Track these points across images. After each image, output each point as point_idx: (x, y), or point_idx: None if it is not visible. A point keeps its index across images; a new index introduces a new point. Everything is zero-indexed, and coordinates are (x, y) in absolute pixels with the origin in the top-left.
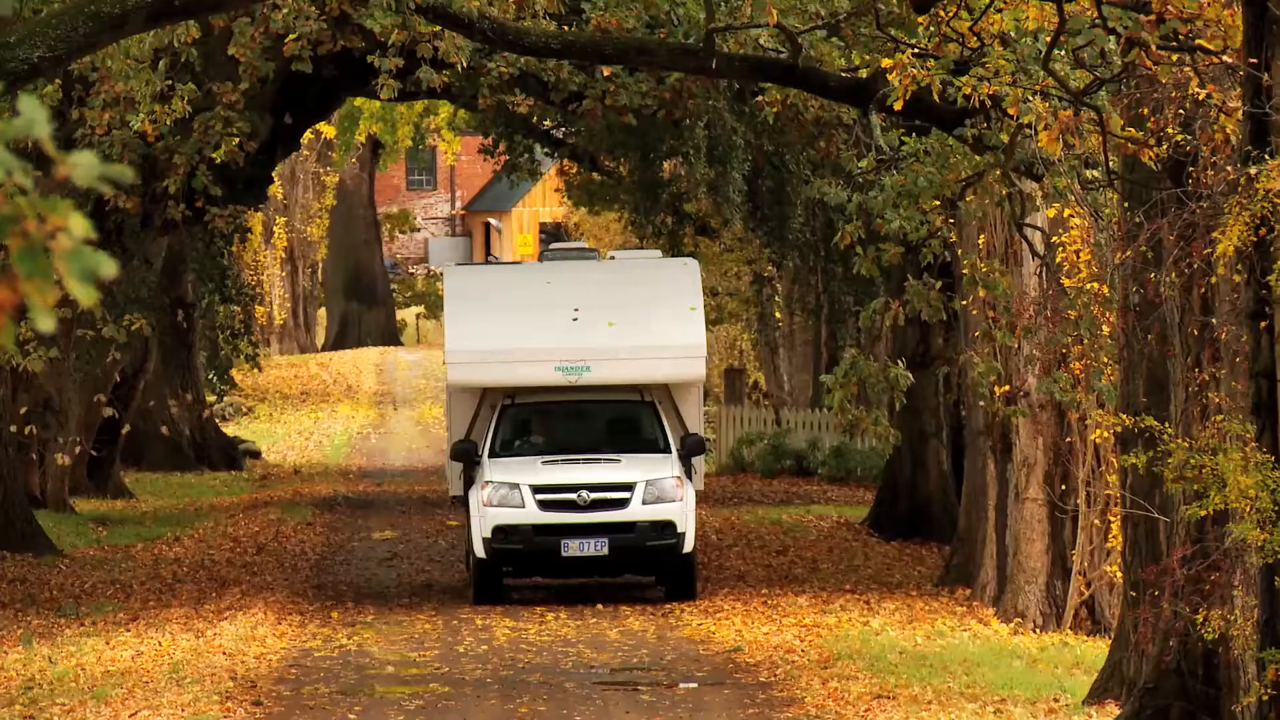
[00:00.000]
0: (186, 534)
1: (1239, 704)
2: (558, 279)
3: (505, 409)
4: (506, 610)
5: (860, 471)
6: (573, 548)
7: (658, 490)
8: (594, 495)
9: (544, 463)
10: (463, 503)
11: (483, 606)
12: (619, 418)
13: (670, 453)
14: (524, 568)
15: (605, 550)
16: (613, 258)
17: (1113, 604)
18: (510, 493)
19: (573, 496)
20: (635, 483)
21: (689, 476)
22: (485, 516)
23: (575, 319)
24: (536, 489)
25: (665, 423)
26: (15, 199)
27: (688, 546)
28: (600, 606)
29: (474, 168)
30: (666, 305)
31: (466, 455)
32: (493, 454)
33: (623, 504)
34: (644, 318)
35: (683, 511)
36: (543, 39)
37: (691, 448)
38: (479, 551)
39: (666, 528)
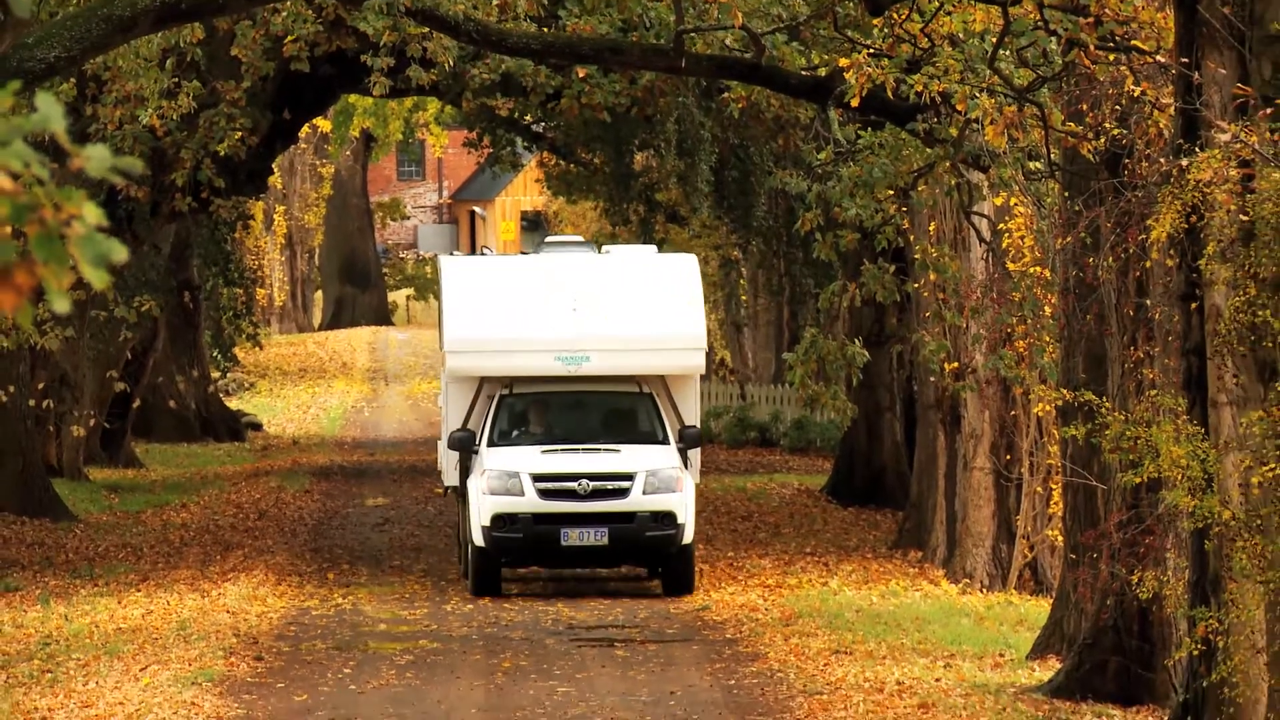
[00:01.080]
0: (193, 501)
1: (1171, 659)
2: (555, 271)
3: (503, 399)
4: None
5: (819, 442)
6: (572, 537)
7: (658, 480)
8: (594, 484)
9: (544, 451)
10: (458, 493)
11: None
12: (617, 408)
13: (669, 444)
14: (522, 557)
15: (605, 540)
16: (607, 251)
17: (1054, 566)
18: (510, 480)
19: (573, 485)
20: (636, 473)
21: (686, 468)
22: (484, 504)
23: (574, 309)
24: (537, 477)
25: (664, 414)
26: (33, 189)
27: (687, 538)
28: (579, 570)
29: (460, 160)
30: (666, 298)
31: (464, 445)
32: (491, 443)
33: (623, 493)
34: (643, 309)
35: (683, 502)
36: (523, 40)
37: (689, 439)
38: (477, 540)
39: (666, 518)
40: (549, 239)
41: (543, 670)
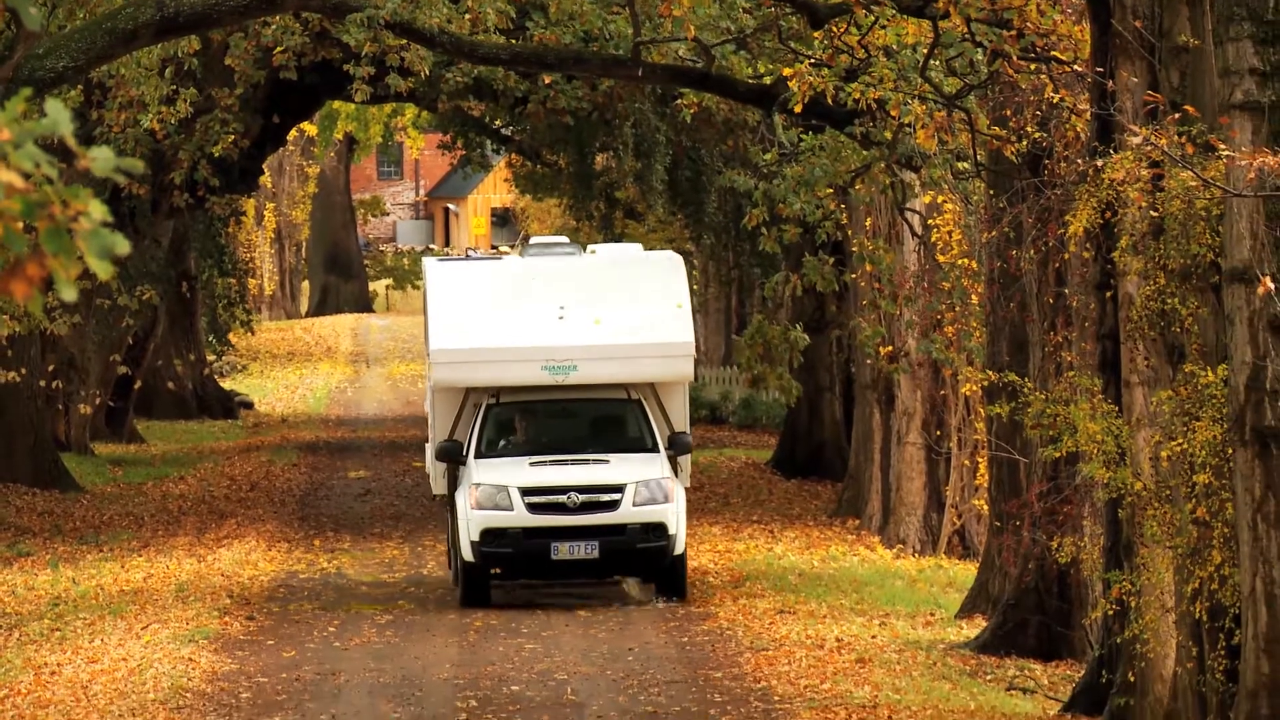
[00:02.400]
0: (190, 473)
1: (1088, 617)
2: (541, 275)
3: (490, 408)
4: None
5: (765, 420)
6: (562, 550)
7: (648, 491)
8: (584, 497)
9: (532, 464)
10: (447, 502)
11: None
12: (605, 417)
13: (659, 452)
14: (512, 570)
15: (596, 553)
16: (593, 251)
17: (980, 533)
18: (499, 495)
19: (562, 499)
20: (625, 484)
21: (675, 476)
22: (473, 519)
23: (561, 316)
24: (525, 491)
25: (653, 421)
26: (43, 187)
27: (679, 548)
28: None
29: (435, 160)
30: (653, 302)
31: (451, 455)
32: (479, 454)
33: (613, 505)
34: (631, 315)
35: (674, 512)
36: (493, 50)
37: (679, 446)
38: (466, 555)
39: (657, 529)
40: (534, 240)
41: (511, 629)
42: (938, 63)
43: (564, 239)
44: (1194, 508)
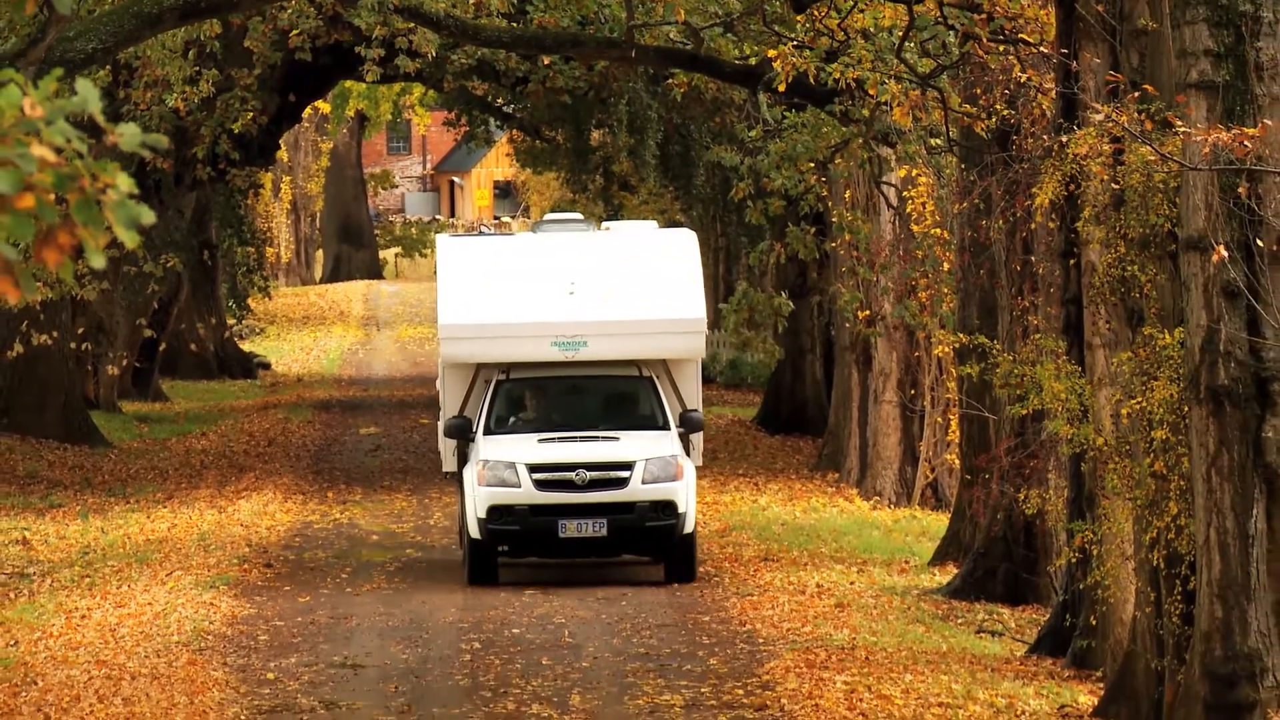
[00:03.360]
0: (211, 430)
1: (1052, 565)
2: (553, 251)
3: (500, 384)
4: None
5: (750, 380)
6: (570, 528)
7: (658, 469)
8: (592, 474)
9: (540, 440)
10: (457, 479)
11: (452, 481)
12: (616, 393)
13: (669, 430)
14: (520, 548)
15: (604, 531)
16: (607, 228)
17: (952, 485)
18: (506, 471)
19: (571, 476)
20: (635, 461)
21: (687, 454)
22: (480, 496)
23: (572, 292)
24: (533, 468)
25: (664, 398)
26: (74, 161)
27: (688, 527)
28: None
29: (441, 136)
30: (665, 277)
31: (461, 432)
32: (488, 431)
33: (622, 483)
34: (642, 291)
35: (684, 491)
36: (496, 34)
37: (691, 424)
38: (473, 531)
39: (667, 508)
40: (547, 217)
41: (512, 576)
42: (912, 44)
43: (578, 216)
44: (1152, 462)
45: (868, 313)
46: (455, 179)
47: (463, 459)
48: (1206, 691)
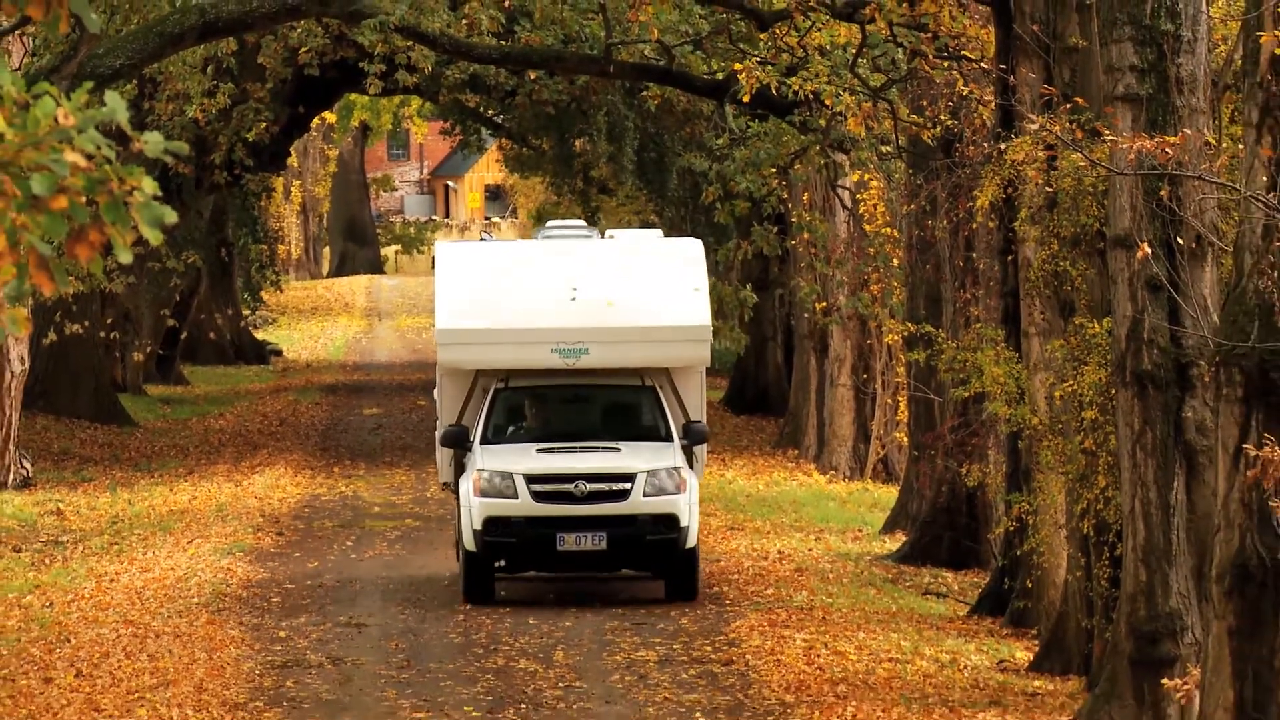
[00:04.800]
0: (228, 411)
1: (992, 533)
2: (554, 257)
3: (499, 392)
4: None
5: (718, 365)
6: (569, 541)
7: (660, 481)
8: (592, 486)
9: (539, 450)
10: (453, 490)
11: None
12: (618, 403)
13: (672, 441)
14: (517, 561)
15: (604, 544)
16: (611, 236)
17: (901, 461)
18: (503, 482)
19: (569, 487)
20: (636, 473)
21: (690, 466)
22: (476, 507)
23: (573, 299)
24: (531, 478)
25: (667, 409)
26: (103, 166)
27: (690, 541)
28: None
29: (437, 144)
30: (669, 285)
31: (458, 441)
32: (485, 440)
33: (623, 495)
34: (645, 298)
35: (686, 504)
36: (486, 51)
37: (694, 435)
38: (469, 544)
39: (668, 521)
40: (550, 224)
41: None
42: (865, 60)
43: (580, 223)
44: (1082, 439)
45: (825, 304)
46: (450, 183)
47: (459, 469)
48: (1131, 648)
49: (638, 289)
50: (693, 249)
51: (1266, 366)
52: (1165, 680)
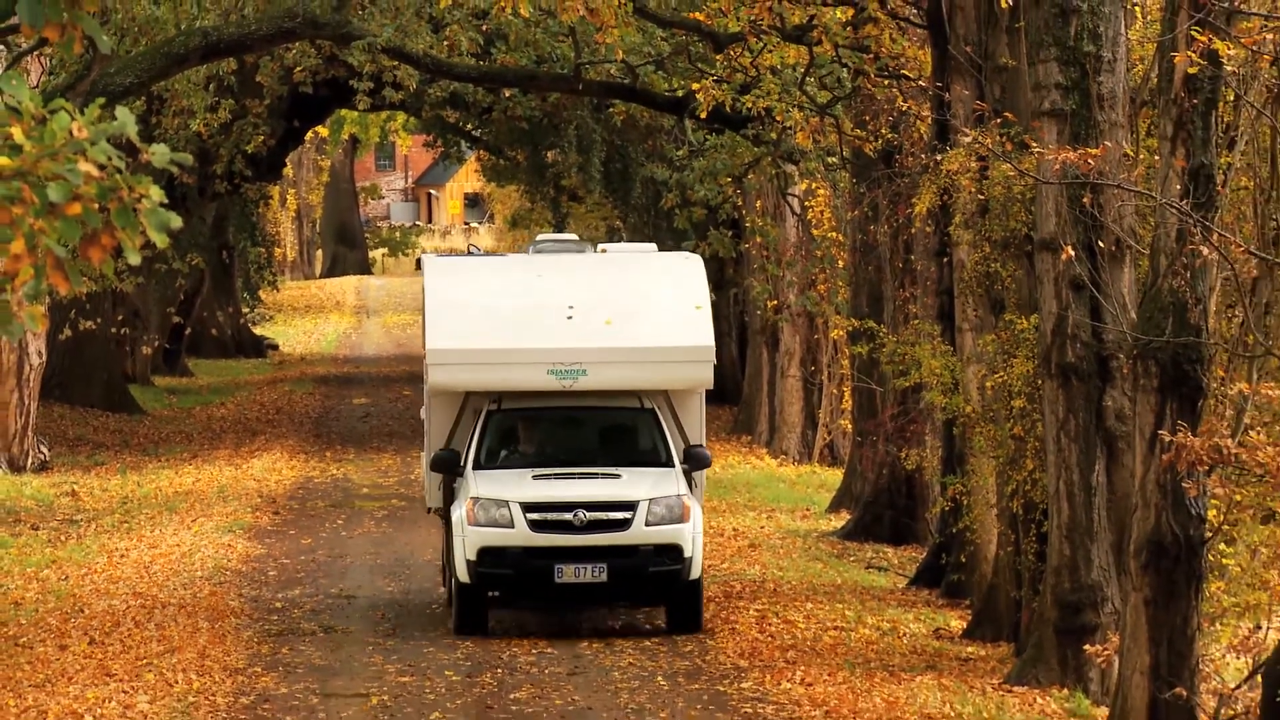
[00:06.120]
0: (229, 400)
1: (929, 512)
2: (548, 273)
3: (491, 415)
4: None
5: None
6: (567, 573)
7: (663, 510)
8: (592, 515)
9: (535, 477)
10: (442, 516)
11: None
12: (616, 426)
13: (674, 467)
14: (512, 594)
15: (604, 576)
16: (604, 250)
17: (845, 446)
18: (498, 510)
19: (568, 516)
20: (638, 501)
21: (691, 492)
22: (470, 537)
23: (570, 317)
24: (528, 507)
25: (667, 433)
26: (114, 175)
27: (694, 573)
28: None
29: (420, 155)
30: (669, 303)
31: (448, 466)
32: (477, 465)
33: (624, 525)
34: (645, 316)
35: (690, 534)
36: (465, 70)
37: (696, 461)
38: (462, 575)
39: (672, 552)
40: (541, 238)
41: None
42: (812, 79)
43: (573, 236)
44: (1012, 426)
45: (775, 302)
46: (432, 191)
47: (448, 495)
48: (1056, 617)
49: (637, 307)
50: (692, 265)
51: (1180, 359)
52: (1087, 646)
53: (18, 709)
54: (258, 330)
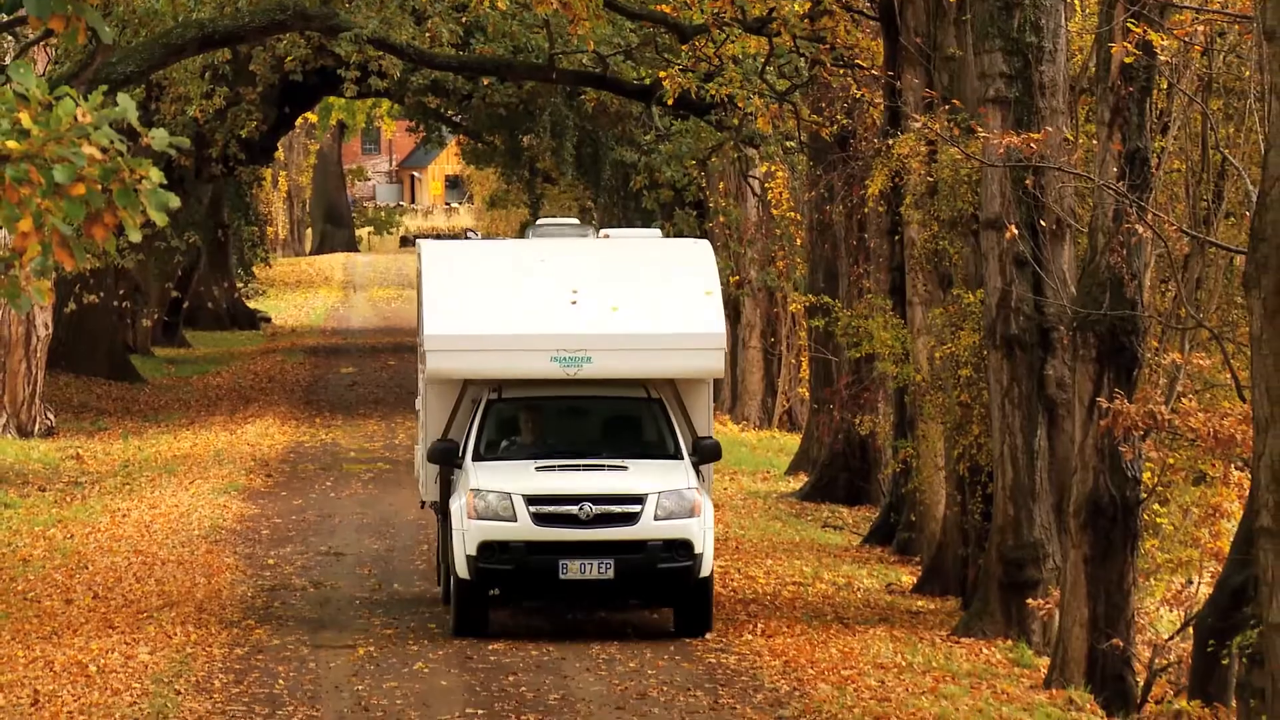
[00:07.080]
0: (224, 370)
1: (881, 474)
2: (550, 257)
3: (490, 404)
4: None
5: None
6: (572, 569)
7: (673, 503)
8: (598, 508)
9: (538, 469)
10: (438, 510)
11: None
12: (622, 416)
13: (682, 459)
14: (514, 590)
15: (610, 573)
16: (606, 235)
17: (803, 413)
18: (500, 503)
19: (574, 509)
20: (647, 494)
21: (701, 485)
22: (470, 531)
23: (574, 302)
24: (531, 499)
25: (675, 424)
26: (116, 158)
27: (705, 570)
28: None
29: (404, 139)
30: (678, 288)
31: (446, 457)
32: (477, 457)
33: (632, 519)
34: (653, 302)
35: (701, 529)
36: (446, 60)
37: (705, 453)
38: (461, 571)
39: (682, 547)
40: (541, 221)
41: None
42: (772, 68)
43: (574, 220)
44: (959, 394)
45: (737, 278)
46: (415, 173)
47: (446, 488)
48: (1000, 573)
49: (644, 293)
50: (702, 250)
51: (1116, 331)
52: (1030, 600)
53: (26, 659)
54: (251, 304)
